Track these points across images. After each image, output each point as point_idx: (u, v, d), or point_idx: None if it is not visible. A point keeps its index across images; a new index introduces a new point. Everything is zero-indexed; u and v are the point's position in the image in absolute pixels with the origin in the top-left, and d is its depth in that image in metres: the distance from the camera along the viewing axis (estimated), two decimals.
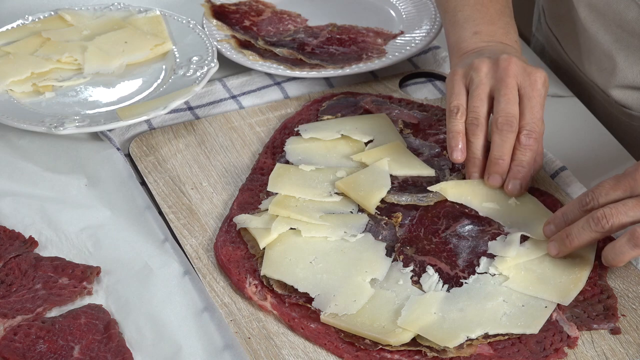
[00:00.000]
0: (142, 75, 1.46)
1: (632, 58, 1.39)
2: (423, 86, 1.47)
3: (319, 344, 1.11)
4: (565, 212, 1.15)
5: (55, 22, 1.52)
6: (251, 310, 1.14)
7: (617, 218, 1.10)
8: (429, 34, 1.51)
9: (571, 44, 1.50)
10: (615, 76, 1.41)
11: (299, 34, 1.52)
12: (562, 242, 1.14)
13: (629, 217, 1.10)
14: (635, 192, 1.11)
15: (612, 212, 1.11)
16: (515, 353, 1.09)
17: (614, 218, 1.10)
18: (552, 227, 1.16)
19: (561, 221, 1.15)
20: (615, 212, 1.10)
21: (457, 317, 1.10)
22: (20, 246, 1.20)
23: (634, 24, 1.35)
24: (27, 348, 1.09)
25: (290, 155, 1.31)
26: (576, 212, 1.14)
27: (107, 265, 1.19)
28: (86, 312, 1.13)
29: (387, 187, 1.25)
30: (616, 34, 1.39)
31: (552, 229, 1.16)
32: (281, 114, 1.41)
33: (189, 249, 1.21)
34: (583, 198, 1.14)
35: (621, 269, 1.19)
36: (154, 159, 1.33)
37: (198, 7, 1.55)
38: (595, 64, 1.45)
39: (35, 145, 1.35)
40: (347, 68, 1.45)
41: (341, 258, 1.17)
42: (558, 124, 1.41)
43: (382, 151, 1.29)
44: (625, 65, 1.40)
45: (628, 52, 1.39)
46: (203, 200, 1.27)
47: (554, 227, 1.16)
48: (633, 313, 1.14)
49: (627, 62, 1.39)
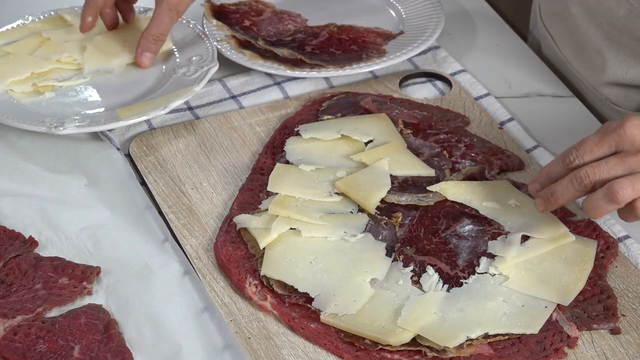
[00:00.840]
0: (142, 75, 1.46)
1: (621, 55, 1.39)
2: (423, 86, 1.47)
3: (319, 344, 1.11)
4: (549, 171, 1.15)
5: (55, 22, 1.52)
6: (251, 310, 1.14)
7: (599, 176, 1.10)
8: (429, 34, 1.51)
9: (564, 41, 1.50)
10: (605, 73, 1.41)
11: (299, 34, 1.52)
12: (547, 200, 1.14)
13: (611, 175, 1.10)
14: (620, 148, 1.11)
15: (595, 170, 1.10)
16: (515, 353, 1.09)
17: (596, 176, 1.10)
18: (537, 185, 1.16)
19: (545, 179, 1.15)
20: (597, 171, 1.10)
21: (457, 317, 1.10)
22: (20, 246, 1.20)
23: (624, 21, 1.35)
24: (27, 348, 1.09)
25: (290, 155, 1.31)
26: (560, 169, 1.14)
27: (107, 265, 1.19)
28: (86, 312, 1.13)
29: (387, 187, 1.25)
30: (607, 31, 1.39)
31: (536, 187, 1.16)
32: (281, 114, 1.41)
33: (189, 249, 1.21)
34: (567, 155, 1.13)
35: (621, 269, 1.19)
36: (154, 159, 1.33)
37: (198, 7, 1.54)
38: (587, 61, 1.45)
39: (35, 145, 1.35)
40: (347, 68, 1.45)
41: (341, 258, 1.17)
42: (558, 124, 1.41)
43: (382, 151, 1.29)
44: (615, 63, 1.39)
45: (618, 49, 1.39)
46: (203, 200, 1.27)
47: (538, 185, 1.16)
48: (633, 313, 1.14)
49: (616, 60, 1.39)
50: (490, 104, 1.42)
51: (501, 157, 1.32)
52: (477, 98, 1.43)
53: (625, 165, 1.10)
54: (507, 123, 1.39)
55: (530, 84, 1.48)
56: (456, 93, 1.44)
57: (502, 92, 1.46)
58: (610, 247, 1.20)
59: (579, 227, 1.22)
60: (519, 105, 1.44)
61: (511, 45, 1.56)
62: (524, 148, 1.35)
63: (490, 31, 1.58)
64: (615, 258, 1.20)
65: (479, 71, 1.49)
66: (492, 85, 1.47)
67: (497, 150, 1.33)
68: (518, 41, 1.57)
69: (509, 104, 1.44)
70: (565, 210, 1.24)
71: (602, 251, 1.20)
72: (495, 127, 1.38)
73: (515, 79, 1.49)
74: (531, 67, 1.51)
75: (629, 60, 1.38)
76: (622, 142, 1.10)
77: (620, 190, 1.08)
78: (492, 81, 1.48)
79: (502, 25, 1.60)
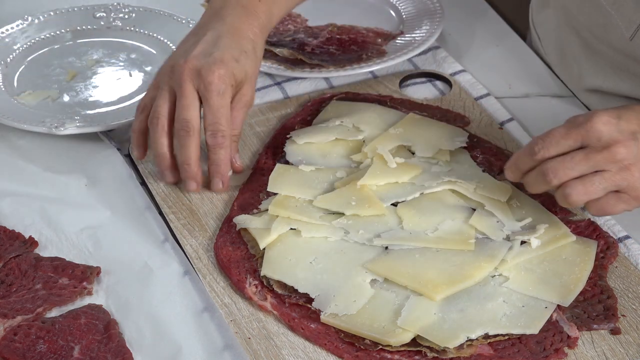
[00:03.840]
0: (142, 75, 1.46)
1: (599, 64, 1.38)
2: (423, 86, 1.47)
3: (319, 344, 1.11)
4: (517, 161, 1.16)
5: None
6: (251, 311, 1.14)
7: (564, 172, 1.11)
8: (429, 34, 1.51)
9: (549, 46, 1.50)
10: (583, 81, 1.41)
11: (299, 34, 1.52)
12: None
13: (575, 172, 1.11)
14: (585, 143, 1.11)
15: (559, 166, 1.11)
16: (515, 353, 1.09)
17: (560, 173, 1.11)
18: (509, 173, 1.18)
19: (515, 168, 1.17)
20: (561, 167, 1.11)
21: (457, 318, 1.10)
22: (20, 246, 1.20)
23: (602, 30, 1.35)
24: (27, 348, 1.09)
25: (290, 156, 1.31)
26: (527, 160, 1.15)
27: (107, 265, 1.19)
28: (86, 312, 1.13)
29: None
30: (585, 38, 1.39)
31: (509, 175, 1.18)
32: (281, 114, 1.41)
33: (189, 249, 1.21)
34: (533, 146, 1.14)
35: (621, 269, 1.19)
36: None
37: (198, 7, 1.54)
38: (567, 67, 1.45)
39: (35, 145, 1.35)
40: (347, 68, 1.45)
41: (341, 258, 1.17)
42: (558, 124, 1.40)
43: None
44: (593, 71, 1.39)
45: (596, 58, 1.39)
46: (203, 200, 1.27)
47: (510, 174, 1.18)
48: (633, 313, 1.14)
49: (594, 68, 1.39)
50: (490, 104, 1.42)
51: (501, 157, 1.32)
52: (477, 98, 1.43)
53: (590, 163, 1.11)
54: (507, 123, 1.39)
55: (530, 84, 1.48)
56: (456, 93, 1.44)
57: (502, 92, 1.46)
58: (610, 247, 1.20)
59: (579, 227, 1.22)
60: (519, 105, 1.44)
61: (511, 45, 1.56)
62: None
63: (490, 31, 1.58)
64: (615, 258, 1.20)
65: (479, 71, 1.49)
66: (492, 85, 1.47)
67: (497, 151, 1.33)
68: (518, 41, 1.57)
69: (509, 104, 1.44)
70: (565, 211, 1.24)
71: (602, 251, 1.20)
72: (495, 127, 1.38)
73: (515, 79, 1.49)
74: (531, 67, 1.51)
75: (606, 69, 1.38)
76: (589, 138, 1.11)
77: (573, 194, 1.11)
78: (492, 81, 1.48)
79: (502, 25, 1.60)
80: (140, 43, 1.52)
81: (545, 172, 1.12)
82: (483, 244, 1.18)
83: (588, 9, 1.36)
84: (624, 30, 1.31)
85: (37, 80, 1.45)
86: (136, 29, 1.53)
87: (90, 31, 1.53)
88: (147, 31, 1.52)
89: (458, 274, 1.14)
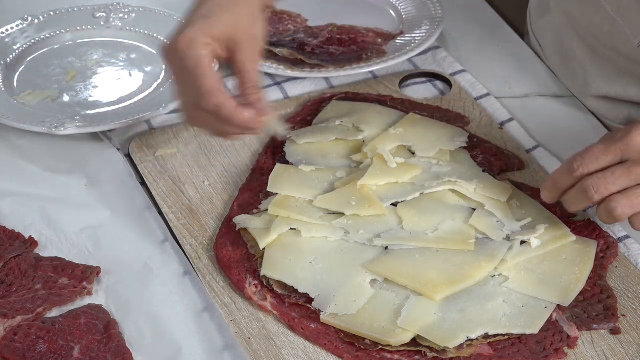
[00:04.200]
0: (142, 75, 1.46)
1: (605, 70, 1.38)
2: (423, 86, 1.47)
3: (319, 344, 1.11)
4: (555, 180, 1.15)
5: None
6: (251, 311, 1.14)
7: (606, 187, 1.11)
8: (429, 34, 1.51)
9: (551, 52, 1.50)
10: (589, 87, 1.41)
11: (299, 34, 1.52)
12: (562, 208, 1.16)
13: (617, 186, 1.10)
14: (625, 157, 1.11)
15: (600, 182, 1.11)
16: (515, 353, 1.09)
17: (602, 188, 1.11)
18: (547, 194, 1.17)
19: (553, 188, 1.16)
20: (603, 182, 1.11)
21: (457, 318, 1.10)
22: (20, 246, 1.20)
23: (608, 36, 1.35)
24: (27, 348, 1.09)
25: (290, 156, 1.31)
26: (566, 178, 1.14)
27: (107, 265, 1.19)
28: (86, 312, 1.13)
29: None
30: (591, 44, 1.39)
31: (546, 195, 1.17)
32: (281, 114, 1.40)
33: (189, 249, 1.21)
34: (572, 163, 1.13)
35: (621, 269, 1.19)
36: (153, 159, 1.33)
37: None
38: (571, 74, 1.45)
39: (35, 145, 1.35)
40: (347, 68, 1.45)
41: (341, 258, 1.17)
42: (558, 124, 1.41)
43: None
44: (599, 77, 1.39)
45: (602, 63, 1.38)
46: (203, 200, 1.27)
47: (548, 194, 1.17)
48: (633, 313, 1.14)
49: (600, 74, 1.39)
50: (490, 104, 1.42)
51: (501, 157, 1.32)
52: (477, 98, 1.43)
53: (632, 176, 1.10)
54: (507, 123, 1.39)
55: (530, 84, 1.48)
56: (456, 93, 1.44)
57: (502, 92, 1.46)
58: (610, 247, 1.20)
59: (579, 227, 1.22)
60: (519, 105, 1.44)
61: (511, 45, 1.56)
62: (524, 148, 1.35)
63: (490, 31, 1.58)
64: (615, 258, 1.20)
65: (479, 71, 1.49)
66: (492, 85, 1.47)
67: (497, 151, 1.33)
68: (518, 41, 1.57)
69: (509, 104, 1.44)
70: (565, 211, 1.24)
71: (602, 251, 1.20)
72: (495, 127, 1.38)
73: (515, 79, 1.49)
74: (531, 67, 1.51)
75: (612, 75, 1.38)
76: (628, 152, 1.10)
77: (618, 208, 1.10)
78: (492, 81, 1.48)
79: (502, 25, 1.60)
80: (140, 43, 1.52)
81: (586, 189, 1.11)
82: (483, 244, 1.18)
83: (592, 15, 1.36)
84: (630, 36, 1.31)
85: (37, 80, 1.45)
86: (136, 29, 1.53)
87: (90, 31, 1.53)
88: (147, 31, 1.52)
89: (458, 274, 1.14)
